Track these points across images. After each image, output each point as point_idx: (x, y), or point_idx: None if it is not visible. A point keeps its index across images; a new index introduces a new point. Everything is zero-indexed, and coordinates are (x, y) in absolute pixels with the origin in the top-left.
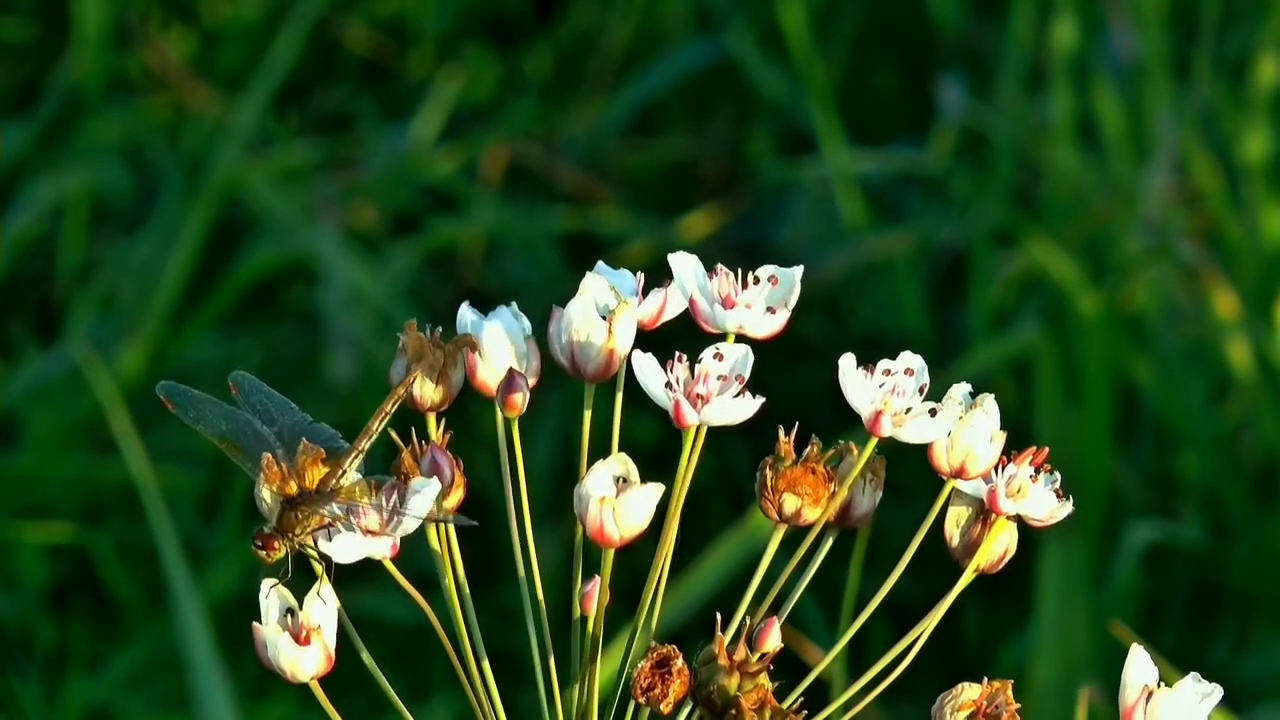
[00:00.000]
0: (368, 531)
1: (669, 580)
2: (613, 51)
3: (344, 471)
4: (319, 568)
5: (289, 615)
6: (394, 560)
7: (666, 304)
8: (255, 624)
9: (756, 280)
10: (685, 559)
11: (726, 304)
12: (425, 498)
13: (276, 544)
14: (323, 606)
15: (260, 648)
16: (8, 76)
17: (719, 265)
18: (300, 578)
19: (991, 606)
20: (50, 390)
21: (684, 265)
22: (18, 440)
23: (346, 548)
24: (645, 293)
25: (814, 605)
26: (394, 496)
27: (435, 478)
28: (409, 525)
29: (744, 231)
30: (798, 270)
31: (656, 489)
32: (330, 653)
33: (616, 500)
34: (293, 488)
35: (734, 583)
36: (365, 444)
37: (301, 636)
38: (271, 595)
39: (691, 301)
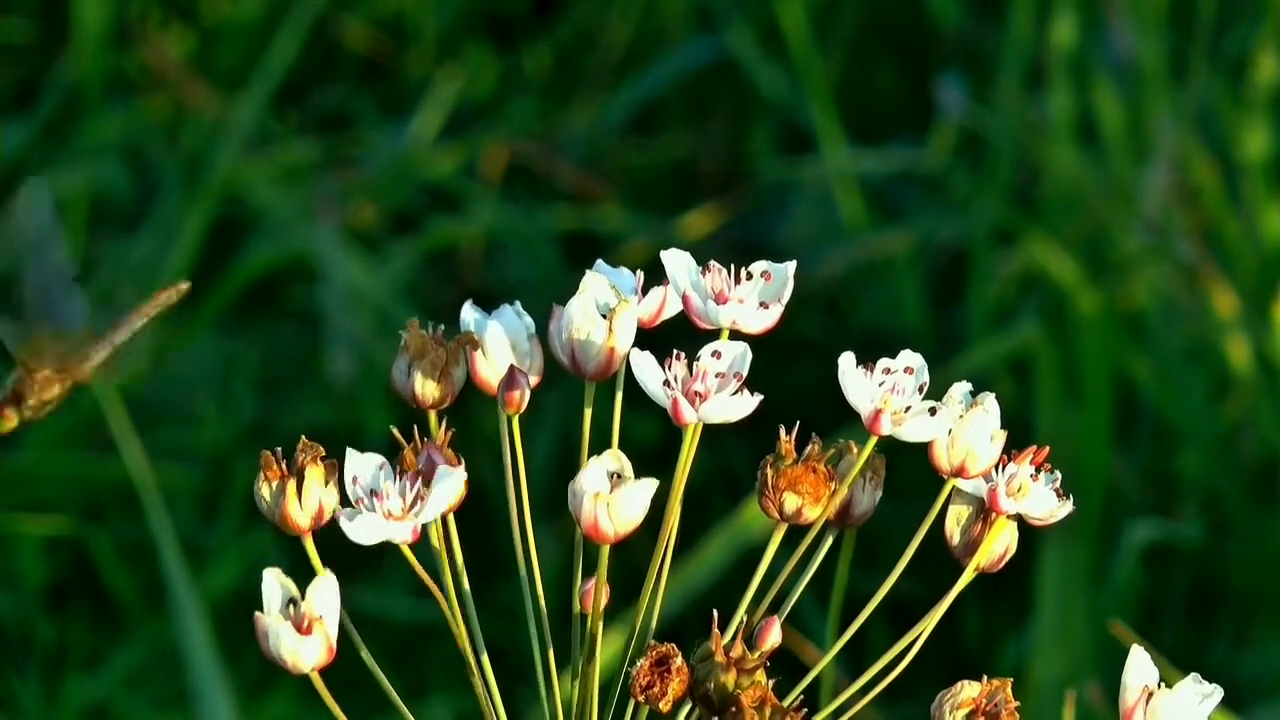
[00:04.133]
0: (389, 515)
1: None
2: (613, 50)
3: (87, 355)
4: (317, 561)
5: (291, 606)
6: (393, 555)
7: (666, 302)
8: (257, 613)
9: (749, 276)
10: (683, 555)
11: (719, 299)
12: (451, 485)
13: (8, 412)
14: (325, 596)
15: (262, 637)
16: (8, 76)
17: (711, 261)
18: (301, 570)
19: (991, 605)
20: None
21: (677, 262)
22: (17, 438)
23: (367, 530)
24: (645, 291)
25: (814, 604)
26: (417, 482)
27: (460, 466)
28: (431, 511)
29: (744, 230)
30: (790, 265)
31: (650, 484)
32: (332, 643)
33: (610, 496)
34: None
35: (729, 576)
36: (115, 334)
37: (304, 626)
38: (274, 584)
39: (684, 297)
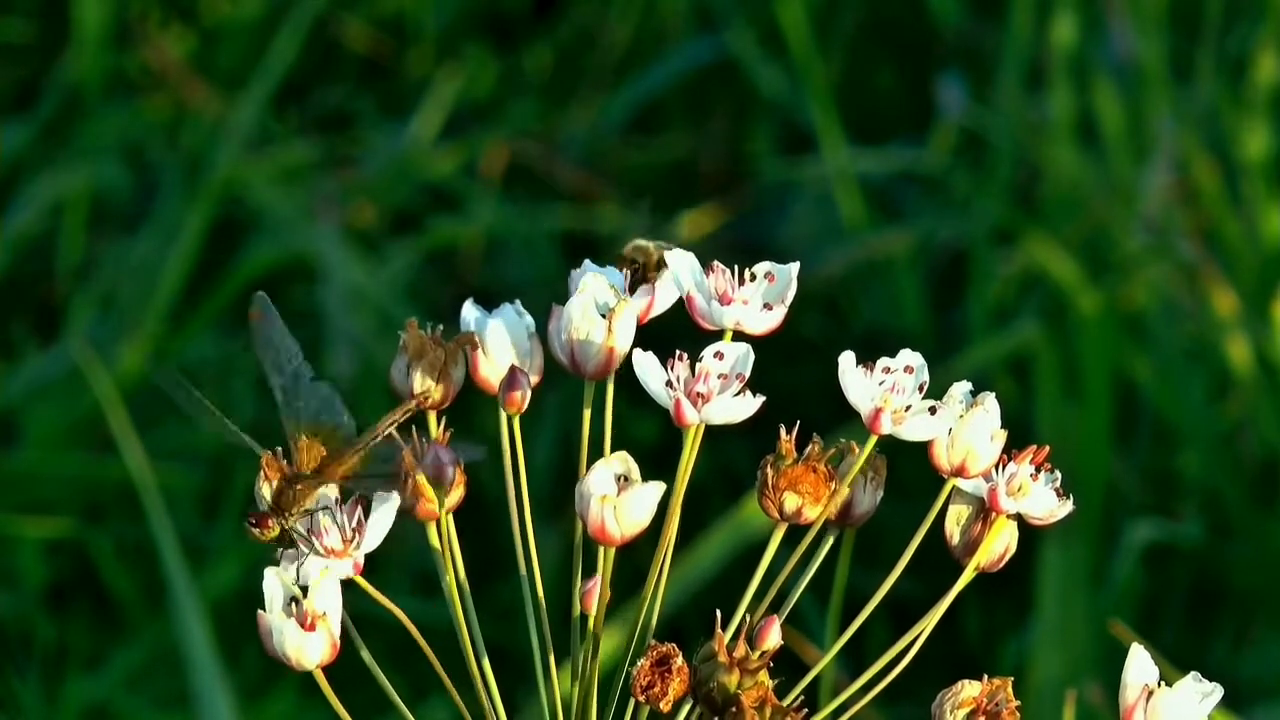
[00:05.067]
0: (330, 551)
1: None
2: (613, 50)
3: (344, 460)
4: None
5: (294, 604)
6: (393, 556)
7: (655, 299)
8: (260, 611)
9: (753, 277)
10: (682, 553)
11: (723, 300)
12: (385, 514)
13: (270, 523)
14: (328, 593)
15: (265, 635)
16: (8, 76)
17: (715, 262)
18: None
19: (991, 605)
20: (50, 389)
21: (681, 262)
22: (17, 439)
23: (306, 569)
24: (632, 288)
25: (815, 604)
26: (356, 513)
27: (395, 493)
28: (370, 542)
29: (744, 230)
30: (794, 266)
31: (658, 487)
32: (335, 640)
33: (618, 499)
34: (289, 468)
35: (729, 573)
36: (370, 441)
37: (307, 623)
38: (276, 582)
39: (689, 298)
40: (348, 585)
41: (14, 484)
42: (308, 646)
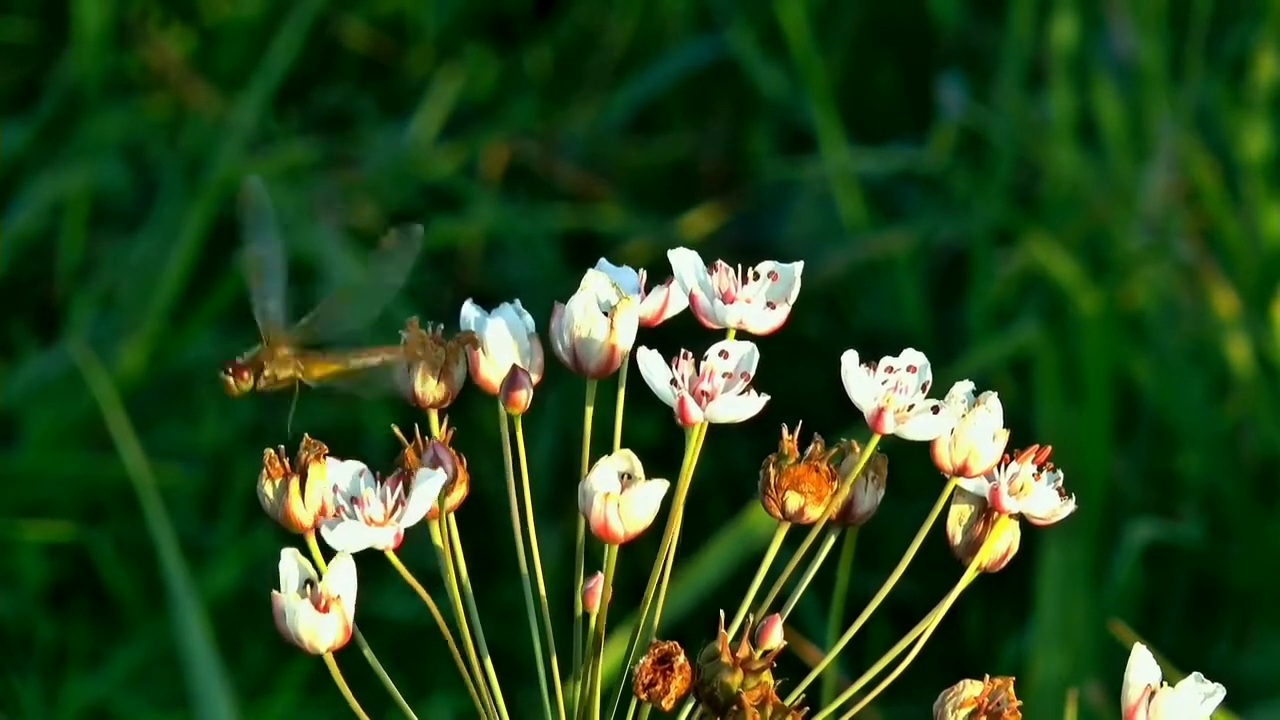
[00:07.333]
0: (370, 521)
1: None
2: (613, 50)
3: (324, 356)
4: (320, 559)
5: (308, 586)
6: (395, 556)
7: (669, 301)
8: (274, 591)
9: (756, 276)
10: (685, 557)
11: (726, 299)
12: (430, 487)
13: (246, 374)
14: (343, 576)
15: (278, 615)
16: (8, 76)
17: (719, 261)
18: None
19: (991, 605)
20: (50, 389)
21: (684, 261)
22: (17, 439)
23: (348, 536)
24: (647, 290)
25: (815, 605)
26: (398, 487)
27: (440, 468)
28: (412, 516)
29: (744, 230)
30: (798, 266)
31: (661, 485)
32: (349, 623)
33: (621, 496)
34: (278, 337)
35: (732, 578)
36: (354, 355)
37: (321, 605)
38: (291, 564)
39: (691, 296)
40: None
41: (14, 484)
42: (321, 628)
